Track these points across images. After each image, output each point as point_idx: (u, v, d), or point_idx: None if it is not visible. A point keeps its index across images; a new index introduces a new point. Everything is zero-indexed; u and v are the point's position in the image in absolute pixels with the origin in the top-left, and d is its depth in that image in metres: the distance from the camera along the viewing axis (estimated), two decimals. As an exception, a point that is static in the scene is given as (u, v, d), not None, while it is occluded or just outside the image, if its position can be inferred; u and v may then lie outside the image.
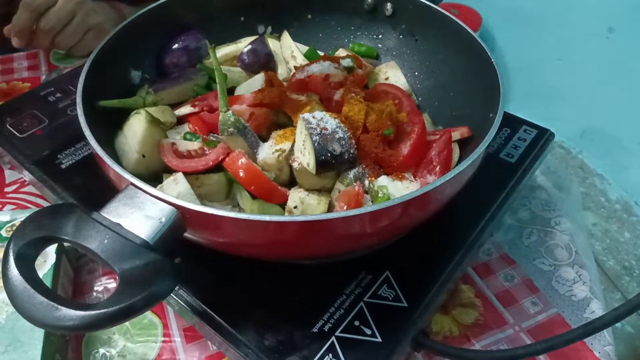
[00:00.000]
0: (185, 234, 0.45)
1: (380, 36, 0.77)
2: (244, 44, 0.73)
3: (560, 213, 0.72)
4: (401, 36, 0.75)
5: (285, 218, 0.46)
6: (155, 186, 0.44)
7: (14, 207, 0.70)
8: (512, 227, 0.71)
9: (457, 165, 0.58)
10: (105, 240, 0.40)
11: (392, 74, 0.71)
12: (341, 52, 0.75)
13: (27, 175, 0.67)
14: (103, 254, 0.39)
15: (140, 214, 0.42)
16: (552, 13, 1.64)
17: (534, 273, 0.65)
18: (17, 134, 0.68)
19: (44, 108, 0.72)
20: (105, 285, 0.61)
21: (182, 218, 0.42)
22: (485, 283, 0.63)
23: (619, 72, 1.57)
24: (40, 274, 0.54)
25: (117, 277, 0.39)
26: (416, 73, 0.74)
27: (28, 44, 0.87)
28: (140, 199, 0.43)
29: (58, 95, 0.75)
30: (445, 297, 0.59)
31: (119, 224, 0.41)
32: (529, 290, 0.62)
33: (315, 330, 0.49)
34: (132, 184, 0.44)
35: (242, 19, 0.77)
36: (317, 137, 0.53)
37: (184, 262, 0.52)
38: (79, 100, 0.52)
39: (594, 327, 0.43)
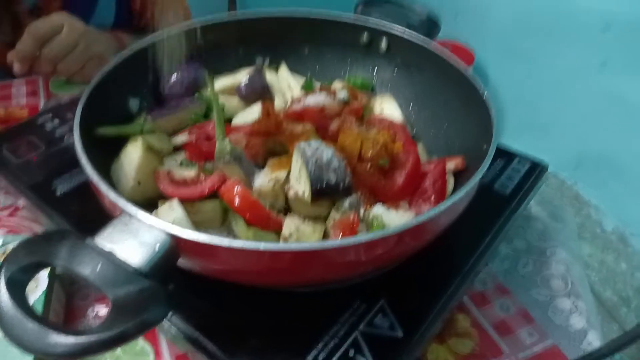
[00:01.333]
0: (180, 261, 0.45)
1: (375, 69, 0.78)
2: (242, 75, 0.74)
3: (556, 243, 0.72)
4: (396, 69, 0.77)
5: (280, 246, 0.46)
6: (150, 213, 0.44)
7: (6, 230, 0.69)
8: (508, 256, 0.70)
9: (451, 195, 0.59)
10: (99, 267, 0.40)
11: (387, 106, 0.72)
12: (337, 84, 0.76)
13: (22, 201, 0.67)
14: (96, 281, 0.39)
15: (134, 240, 0.42)
16: (545, 47, 1.68)
17: (530, 303, 0.65)
18: (14, 159, 0.69)
19: (42, 134, 0.73)
20: (98, 311, 0.61)
21: (176, 245, 0.42)
22: (481, 312, 0.63)
23: (612, 103, 1.59)
24: (32, 298, 0.54)
25: (109, 303, 0.39)
26: (411, 104, 0.75)
27: (30, 70, 0.89)
28: (135, 226, 0.43)
29: (56, 122, 0.75)
30: (441, 327, 0.59)
31: (112, 251, 0.41)
32: (525, 321, 0.62)
33: (309, 359, 0.49)
34: (126, 210, 0.44)
35: (241, 50, 0.79)
36: (313, 166, 0.53)
37: (177, 288, 0.52)
38: (76, 127, 0.53)
39: (591, 358, 0.42)
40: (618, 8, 1.48)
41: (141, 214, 0.43)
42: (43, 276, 0.56)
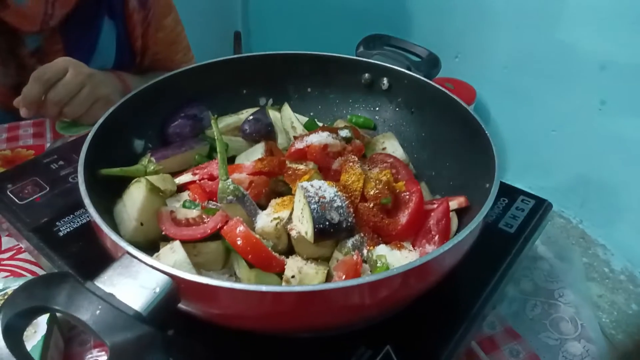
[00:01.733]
0: (180, 305, 0.44)
1: (377, 108, 0.79)
2: (245, 115, 0.75)
3: (564, 284, 0.71)
4: (397, 108, 0.77)
5: (282, 288, 0.45)
6: (152, 255, 0.43)
7: (7, 274, 0.68)
8: (516, 298, 0.69)
9: (455, 234, 0.58)
10: (98, 312, 0.39)
11: (389, 144, 0.72)
12: (340, 123, 0.77)
13: (24, 243, 0.67)
14: (94, 326, 0.38)
15: (134, 283, 0.41)
16: (545, 86, 1.70)
17: (540, 348, 0.63)
18: (17, 201, 0.69)
19: (46, 175, 0.73)
20: (96, 358, 0.59)
21: (177, 287, 0.42)
22: (490, 358, 0.61)
23: (613, 142, 1.60)
24: (30, 344, 0.52)
25: (108, 350, 0.38)
26: (413, 143, 0.75)
27: (36, 113, 0.90)
28: (136, 268, 0.42)
29: (61, 163, 0.76)
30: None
31: (112, 295, 0.40)
32: (535, 366, 0.60)
33: (312, 408, 0.47)
34: (127, 252, 0.43)
35: (245, 91, 0.80)
36: (316, 206, 0.53)
37: (176, 334, 0.51)
38: (80, 168, 0.53)
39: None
40: (613, 50, 1.51)
41: (142, 255, 0.42)
42: (42, 321, 0.55)
